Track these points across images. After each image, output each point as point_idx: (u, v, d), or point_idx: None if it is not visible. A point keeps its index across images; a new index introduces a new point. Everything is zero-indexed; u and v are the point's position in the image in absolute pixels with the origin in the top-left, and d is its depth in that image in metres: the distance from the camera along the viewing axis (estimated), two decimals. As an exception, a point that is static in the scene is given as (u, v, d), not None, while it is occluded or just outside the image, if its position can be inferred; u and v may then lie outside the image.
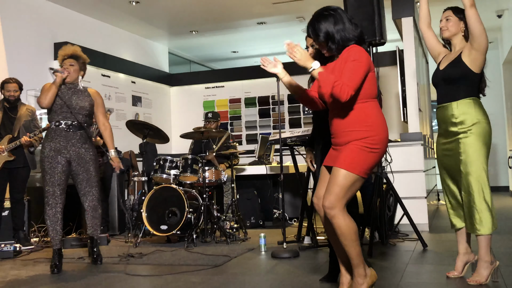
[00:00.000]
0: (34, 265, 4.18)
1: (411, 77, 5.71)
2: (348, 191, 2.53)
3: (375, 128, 2.57)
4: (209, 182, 5.21)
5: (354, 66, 2.52)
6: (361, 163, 2.54)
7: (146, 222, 4.96)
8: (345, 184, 2.52)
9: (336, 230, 2.53)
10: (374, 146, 2.55)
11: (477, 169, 2.93)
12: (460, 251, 3.17)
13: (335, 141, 2.68)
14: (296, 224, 5.73)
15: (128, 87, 8.62)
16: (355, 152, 2.54)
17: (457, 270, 3.15)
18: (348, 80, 2.48)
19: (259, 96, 9.41)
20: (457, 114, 3.02)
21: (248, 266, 3.85)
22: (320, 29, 2.65)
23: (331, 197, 2.52)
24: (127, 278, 3.56)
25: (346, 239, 2.52)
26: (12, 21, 6.56)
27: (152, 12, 7.97)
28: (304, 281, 3.26)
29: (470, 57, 3.00)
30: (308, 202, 4.82)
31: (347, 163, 2.53)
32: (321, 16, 2.67)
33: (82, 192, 4.04)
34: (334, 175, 2.56)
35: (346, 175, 2.52)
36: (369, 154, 2.55)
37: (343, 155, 2.56)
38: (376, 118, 2.60)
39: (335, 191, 2.52)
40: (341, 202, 2.52)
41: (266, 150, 6.67)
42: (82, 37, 7.66)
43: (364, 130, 2.56)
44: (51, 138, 3.99)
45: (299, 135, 4.61)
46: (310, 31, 2.71)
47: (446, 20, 3.12)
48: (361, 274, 2.59)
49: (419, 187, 5.29)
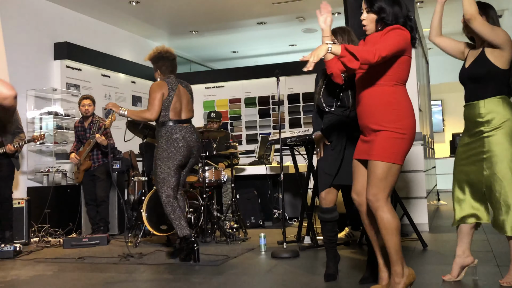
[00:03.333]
0: (34, 265, 4.18)
1: (411, 77, 5.64)
2: (389, 181, 2.56)
3: (403, 114, 2.59)
4: (209, 182, 5.20)
5: (390, 36, 2.53)
6: (395, 151, 2.57)
7: (146, 222, 4.96)
8: (384, 175, 2.55)
9: (379, 222, 2.56)
10: (404, 132, 2.58)
11: (503, 169, 2.83)
12: (457, 253, 3.08)
13: (363, 123, 2.67)
14: (296, 224, 5.72)
15: (128, 87, 8.63)
16: (387, 141, 2.57)
17: (452, 274, 3.08)
18: (381, 45, 2.48)
19: (259, 96, 9.41)
20: (484, 113, 2.90)
21: (248, 266, 3.85)
22: (378, 0, 2.64)
23: (373, 189, 2.56)
24: (127, 278, 3.56)
25: (388, 232, 2.54)
26: (12, 21, 6.56)
27: (152, 12, 7.98)
28: (304, 281, 3.26)
29: (493, 53, 2.89)
30: (308, 202, 4.82)
31: (382, 153, 2.56)
32: None
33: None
34: (372, 168, 2.58)
35: (384, 166, 2.55)
36: (401, 141, 2.58)
37: (377, 147, 2.58)
38: (405, 104, 2.62)
39: (376, 184, 2.55)
40: (384, 193, 2.55)
41: (266, 150, 6.67)
42: (82, 37, 7.67)
43: (394, 118, 2.57)
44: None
45: (299, 135, 4.60)
46: (365, 0, 2.69)
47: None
48: (398, 272, 2.58)
49: (419, 187, 5.29)
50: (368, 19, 2.69)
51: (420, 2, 7.49)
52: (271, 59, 11.30)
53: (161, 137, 4.11)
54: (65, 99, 7.13)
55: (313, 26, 9.18)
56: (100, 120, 5.69)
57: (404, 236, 4.78)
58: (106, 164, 5.73)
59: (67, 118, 6.99)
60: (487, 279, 3.09)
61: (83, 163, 5.63)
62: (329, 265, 3.26)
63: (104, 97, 8.01)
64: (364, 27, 2.73)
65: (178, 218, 4.01)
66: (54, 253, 4.70)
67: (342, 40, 3.14)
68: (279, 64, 9.26)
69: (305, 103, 9.03)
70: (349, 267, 3.60)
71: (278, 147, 5.37)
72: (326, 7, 2.73)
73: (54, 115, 6.77)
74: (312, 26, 9.19)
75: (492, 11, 3.01)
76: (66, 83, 7.21)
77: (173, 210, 4.02)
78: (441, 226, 5.55)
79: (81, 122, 5.80)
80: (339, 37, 3.16)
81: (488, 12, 2.99)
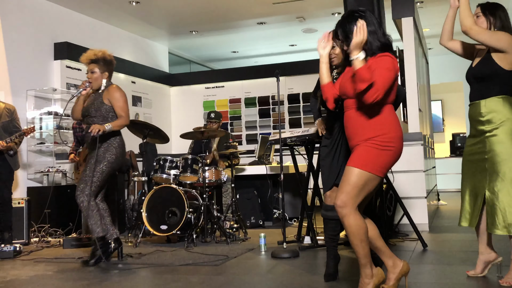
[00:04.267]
0: (34, 265, 4.18)
1: (411, 77, 5.71)
2: (361, 190, 2.53)
3: (385, 126, 2.58)
4: (209, 182, 5.21)
5: (387, 75, 2.52)
6: (373, 161, 2.54)
7: (146, 222, 4.96)
8: (358, 183, 2.53)
9: (346, 229, 2.55)
10: (386, 144, 2.55)
11: (504, 168, 2.86)
12: (480, 250, 3.13)
13: (350, 144, 2.68)
14: (296, 224, 5.73)
15: (128, 87, 8.62)
16: (366, 150, 2.56)
17: (476, 270, 3.13)
18: (382, 87, 2.49)
19: (259, 96, 9.41)
20: (485, 112, 2.95)
21: (248, 266, 3.85)
22: (350, 30, 2.59)
23: (342, 195, 2.53)
24: (127, 278, 3.56)
25: (356, 238, 2.54)
26: (12, 21, 6.56)
27: (152, 12, 7.98)
28: (304, 281, 3.26)
29: (498, 55, 2.93)
30: (308, 202, 4.82)
31: (359, 161, 2.54)
32: (351, 17, 2.63)
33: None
34: (346, 174, 2.57)
35: (358, 174, 2.53)
36: (381, 152, 2.55)
37: (355, 154, 2.59)
38: (387, 117, 2.60)
39: (347, 190, 2.53)
40: (352, 200, 2.52)
41: (266, 150, 6.67)
42: (82, 37, 7.67)
43: (373, 129, 2.57)
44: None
45: (299, 135, 4.60)
46: (339, 31, 2.67)
47: (477, 17, 3.05)
48: (368, 274, 2.62)
49: (419, 187, 5.29)
50: (334, 53, 2.82)
51: (420, 2, 7.49)
52: (271, 59, 11.31)
53: (116, 143, 4.16)
54: (65, 99, 7.13)
55: (313, 26, 9.18)
56: None
57: (404, 236, 4.79)
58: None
59: (67, 118, 6.99)
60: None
61: (83, 164, 5.62)
62: (329, 265, 3.26)
63: (104, 97, 8.01)
64: (332, 60, 2.87)
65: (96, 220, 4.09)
66: (54, 253, 4.70)
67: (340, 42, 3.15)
68: (279, 64, 9.27)
69: (305, 103, 9.03)
70: (349, 267, 3.60)
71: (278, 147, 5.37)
72: (328, 37, 2.80)
73: (54, 115, 6.77)
74: (312, 26, 9.19)
75: (500, 11, 3.03)
76: (66, 83, 7.21)
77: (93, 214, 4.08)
78: (441, 226, 5.55)
79: (79, 123, 5.78)
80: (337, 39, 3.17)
81: (495, 13, 3.02)
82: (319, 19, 8.71)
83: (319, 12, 8.33)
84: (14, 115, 5.19)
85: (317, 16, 8.53)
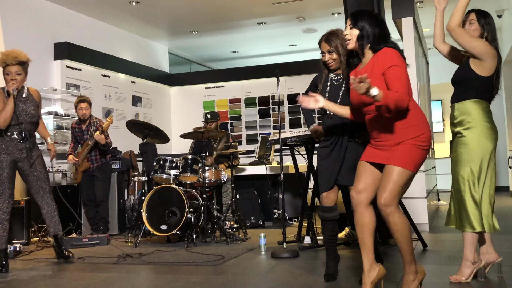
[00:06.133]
0: (34, 265, 4.18)
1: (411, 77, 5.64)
2: (403, 188, 2.62)
3: (422, 126, 2.66)
4: (209, 182, 5.21)
5: (399, 72, 2.60)
6: (415, 160, 2.62)
7: (146, 222, 4.96)
8: (401, 181, 2.59)
9: (391, 227, 2.60)
10: (424, 144, 2.65)
11: (464, 167, 3.00)
12: (481, 251, 3.17)
13: (383, 144, 2.69)
14: (296, 224, 5.73)
15: (128, 87, 8.62)
16: (410, 150, 2.62)
17: (462, 274, 3.11)
18: (403, 88, 2.56)
19: (259, 96, 9.41)
20: (456, 115, 3.10)
21: (248, 266, 3.85)
22: (362, 19, 2.73)
23: (386, 194, 2.58)
24: (127, 278, 3.56)
25: (402, 235, 2.60)
26: (12, 21, 6.56)
27: (152, 12, 7.98)
28: (304, 281, 3.26)
29: (475, 61, 3.05)
30: (308, 202, 4.82)
31: (404, 160, 2.60)
32: (366, 12, 2.79)
33: (36, 193, 4.25)
34: (389, 173, 2.61)
35: (402, 172, 2.59)
36: (421, 151, 2.64)
37: (399, 153, 2.62)
38: (421, 116, 2.69)
39: (390, 189, 2.58)
40: (396, 199, 2.59)
41: (266, 150, 6.67)
42: (82, 37, 7.67)
43: (415, 130, 2.63)
44: (4, 147, 4.10)
45: (299, 135, 4.60)
46: (351, 17, 2.78)
47: (470, 24, 3.12)
48: (413, 271, 2.67)
49: (419, 187, 5.29)
50: (350, 34, 2.78)
51: (420, 2, 7.49)
52: (271, 59, 11.30)
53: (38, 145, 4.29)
54: (65, 99, 7.13)
55: (313, 26, 9.18)
56: (97, 122, 5.68)
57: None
58: (105, 164, 5.73)
59: (67, 118, 6.99)
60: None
61: (81, 165, 5.62)
62: (329, 265, 3.26)
63: (104, 97, 8.01)
64: (346, 42, 2.83)
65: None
66: (54, 253, 4.69)
67: (336, 45, 3.18)
68: (279, 64, 9.26)
69: (305, 103, 9.01)
70: (349, 267, 3.60)
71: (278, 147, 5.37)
72: (306, 101, 2.90)
73: (54, 115, 6.77)
74: (312, 26, 9.19)
75: (493, 21, 3.15)
76: (66, 83, 7.21)
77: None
78: (441, 226, 5.54)
79: (78, 123, 5.79)
80: (333, 44, 3.19)
81: (490, 23, 3.12)
82: (319, 19, 8.71)
83: (319, 12, 8.33)
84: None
85: (317, 16, 8.53)
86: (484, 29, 3.09)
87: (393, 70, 2.59)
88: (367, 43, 2.72)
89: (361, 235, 2.73)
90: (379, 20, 2.77)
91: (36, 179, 4.20)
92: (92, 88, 7.70)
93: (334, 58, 3.19)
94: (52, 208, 4.27)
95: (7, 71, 4.08)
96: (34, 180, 4.20)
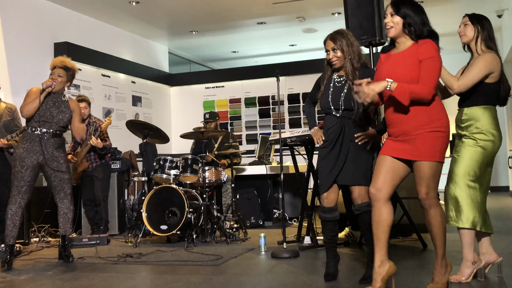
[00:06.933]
0: (34, 265, 4.18)
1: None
2: (437, 178, 2.73)
3: (440, 113, 2.72)
4: (209, 182, 5.21)
5: (434, 66, 2.67)
6: (440, 149, 2.71)
7: (146, 222, 4.96)
8: (433, 174, 2.70)
9: (430, 219, 2.73)
10: (443, 129, 2.72)
11: (464, 169, 3.02)
12: (480, 251, 3.18)
13: (402, 129, 2.73)
14: (296, 224, 5.73)
15: (128, 87, 8.63)
16: (433, 140, 2.69)
17: (462, 274, 3.12)
18: (431, 82, 2.64)
19: (259, 96, 9.42)
20: (464, 120, 3.11)
21: (248, 266, 3.85)
22: (404, 6, 2.78)
23: (425, 189, 2.71)
24: (127, 278, 3.56)
25: (439, 228, 2.74)
26: (12, 21, 6.56)
27: (152, 12, 7.98)
28: (304, 281, 3.26)
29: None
30: (308, 202, 4.82)
31: (430, 153, 2.69)
32: (409, 1, 2.82)
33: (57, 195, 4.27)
34: (420, 170, 2.70)
35: (432, 165, 2.69)
36: (442, 139, 2.72)
37: (423, 147, 2.69)
38: (439, 105, 2.75)
39: (428, 183, 2.70)
40: (434, 191, 2.71)
41: (266, 150, 6.67)
42: (82, 37, 7.67)
43: (432, 115, 2.69)
44: (26, 140, 4.17)
45: (299, 135, 4.60)
46: (392, 5, 2.81)
47: (464, 26, 3.17)
48: (445, 264, 2.78)
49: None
50: (393, 21, 2.79)
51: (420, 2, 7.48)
52: (271, 59, 11.31)
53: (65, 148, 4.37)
54: (65, 99, 7.13)
55: (313, 26, 9.18)
56: (97, 121, 5.68)
57: (404, 236, 4.79)
58: (104, 164, 5.73)
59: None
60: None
61: (80, 165, 5.62)
62: (329, 265, 3.26)
63: (104, 97, 8.02)
64: (388, 29, 2.81)
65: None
66: (54, 253, 4.69)
67: (341, 44, 3.17)
68: (279, 64, 9.27)
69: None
70: (349, 267, 3.60)
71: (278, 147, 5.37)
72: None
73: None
74: (312, 26, 9.19)
75: (487, 23, 3.16)
76: (66, 83, 7.21)
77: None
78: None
79: None
80: (338, 42, 3.18)
81: (483, 24, 3.14)
82: (319, 19, 8.71)
83: (319, 12, 8.33)
84: (15, 114, 5.21)
85: (317, 16, 8.53)
86: (478, 29, 3.11)
87: (430, 63, 2.66)
88: (414, 30, 2.75)
89: (376, 230, 2.77)
90: (421, 8, 2.81)
91: (58, 181, 4.23)
92: (92, 88, 7.70)
93: (338, 56, 3.19)
94: (69, 210, 4.29)
95: (52, 72, 4.29)
96: (56, 182, 4.23)
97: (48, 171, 4.19)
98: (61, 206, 4.26)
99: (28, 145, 4.14)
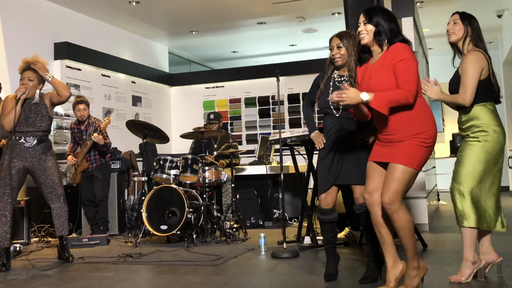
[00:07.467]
0: (34, 265, 4.18)
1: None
2: (406, 185, 2.64)
3: (427, 123, 2.67)
4: (209, 182, 5.20)
5: (408, 67, 2.63)
6: (418, 158, 2.64)
7: (146, 222, 4.96)
8: (404, 179, 2.62)
9: (396, 224, 2.65)
10: (428, 141, 2.66)
11: (467, 168, 3.00)
12: (480, 251, 3.18)
13: (389, 138, 2.72)
14: (296, 224, 5.72)
15: (128, 87, 8.63)
16: (412, 147, 2.64)
17: (462, 274, 3.12)
18: (409, 84, 2.60)
19: (259, 96, 9.41)
20: (464, 121, 3.09)
21: (248, 266, 3.85)
22: (376, 15, 2.75)
23: (390, 193, 2.61)
24: (127, 278, 3.56)
25: (406, 232, 2.65)
26: (12, 21, 6.56)
27: (152, 12, 7.98)
28: (304, 281, 3.26)
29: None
30: (308, 202, 4.82)
31: (406, 158, 2.62)
32: (380, 8, 2.83)
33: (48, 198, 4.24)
34: (392, 171, 2.64)
35: (405, 170, 2.62)
36: (425, 149, 2.66)
37: (402, 151, 2.64)
38: (427, 114, 2.70)
39: (393, 187, 2.61)
40: (399, 197, 2.63)
41: (266, 150, 6.67)
42: (82, 37, 7.67)
43: (419, 126, 2.65)
44: (12, 147, 4.12)
45: (299, 135, 4.60)
46: (365, 13, 2.79)
47: (454, 24, 3.16)
48: (415, 266, 2.74)
49: (419, 187, 5.29)
50: (366, 29, 2.78)
51: (420, 2, 7.49)
52: (271, 59, 11.31)
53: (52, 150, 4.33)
54: (65, 99, 7.13)
55: (313, 26, 9.18)
56: (96, 122, 5.68)
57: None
58: (104, 164, 5.73)
59: (67, 118, 6.99)
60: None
61: (80, 165, 5.62)
62: (329, 265, 3.26)
63: (104, 97, 8.02)
64: (361, 36, 2.80)
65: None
66: (54, 253, 4.69)
67: (347, 43, 3.18)
68: (279, 64, 9.26)
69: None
70: (349, 267, 3.60)
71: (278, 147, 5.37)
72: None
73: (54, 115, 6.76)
74: (312, 26, 9.19)
75: (477, 23, 3.16)
76: (66, 83, 7.18)
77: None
78: (441, 226, 5.55)
79: (77, 124, 5.78)
80: (344, 40, 3.19)
81: (472, 23, 3.14)
82: (319, 19, 8.71)
83: (319, 12, 8.33)
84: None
85: (317, 16, 8.53)
86: (468, 29, 3.11)
87: (402, 65, 2.63)
88: (385, 38, 2.73)
89: (379, 234, 2.79)
90: (392, 16, 2.79)
91: (48, 185, 4.21)
92: (92, 88, 7.70)
93: (342, 53, 3.20)
94: (62, 210, 4.26)
95: (21, 77, 4.20)
96: (46, 186, 4.21)
97: (37, 175, 4.18)
98: (54, 207, 4.24)
99: (15, 153, 4.11)
